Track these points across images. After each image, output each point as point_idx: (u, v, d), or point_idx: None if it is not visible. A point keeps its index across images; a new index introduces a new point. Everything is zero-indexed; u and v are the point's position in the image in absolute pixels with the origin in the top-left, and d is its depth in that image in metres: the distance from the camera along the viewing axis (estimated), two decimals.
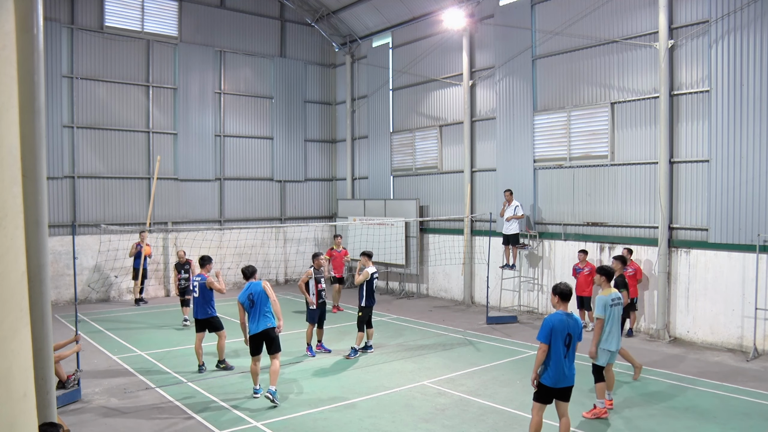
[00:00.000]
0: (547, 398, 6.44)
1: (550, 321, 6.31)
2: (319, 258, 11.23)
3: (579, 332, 6.43)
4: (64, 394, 8.20)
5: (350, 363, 10.51)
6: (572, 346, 6.35)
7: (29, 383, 2.54)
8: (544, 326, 6.32)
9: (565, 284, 6.57)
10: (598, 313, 7.80)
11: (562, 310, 6.43)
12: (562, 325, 6.29)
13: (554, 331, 6.26)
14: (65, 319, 13.58)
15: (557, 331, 6.26)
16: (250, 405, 8.27)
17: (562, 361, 6.26)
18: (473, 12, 16.06)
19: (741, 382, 9.25)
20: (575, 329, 6.36)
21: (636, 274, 12.42)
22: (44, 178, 2.89)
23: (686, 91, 11.99)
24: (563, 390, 6.39)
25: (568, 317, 6.37)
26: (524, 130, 14.93)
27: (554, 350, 6.25)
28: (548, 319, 6.35)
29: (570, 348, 6.32)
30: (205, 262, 10.24)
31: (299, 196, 21.22)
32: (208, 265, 10.23)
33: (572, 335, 6.33)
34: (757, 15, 10.78)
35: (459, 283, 16.96)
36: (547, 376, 6.33)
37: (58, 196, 16.29)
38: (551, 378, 6.30)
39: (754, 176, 10.89)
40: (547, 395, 6.42)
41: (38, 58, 2.80)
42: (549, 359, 6.29)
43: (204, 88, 18.77)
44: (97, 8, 16.91)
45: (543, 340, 6.29)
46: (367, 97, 20.19)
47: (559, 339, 6.25)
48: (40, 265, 2.91)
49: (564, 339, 6.27)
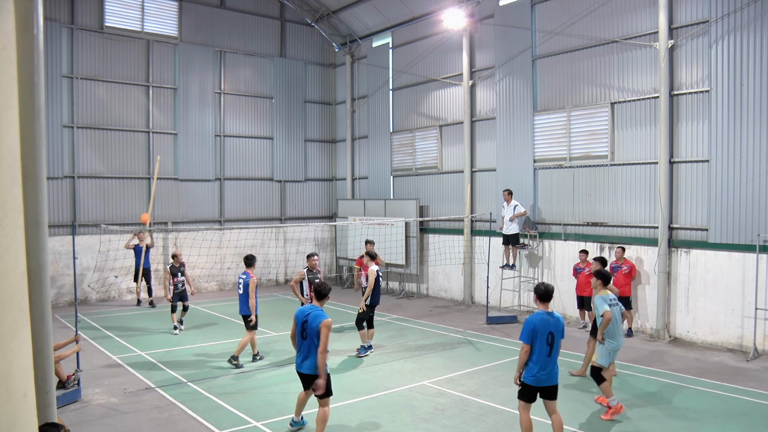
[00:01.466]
0: (530, 396, 6.53)
1: (531, 321, 6.39)
2: (312, 258, 11.10)
3: (561, 330, 6.48)
4: (64, 394, 8.20)
5: (350, 363, 10.50)
6: (555, 344, 6.41)
7: (29, 383, 2.54)
8: (526, 326, 6.39)
9: (545, 285, 6.63)
10: (603, 308, 7.85)
11: (543, 309, 6.51)
12: (543, 325, 6.36)
13: (536, 330, 6.34)
14: (65, 319, 13.58)
15: (539, 331, 6.34)
16: (250, 405, 8.27)
17: (546, 360, 6.35)
18: (473, 12, 16.06)
19: (741, 382, 9.25)
20: (557, 328, 6.42)
21: (631, 272, 12.46)
22: (44, 178, 2.89)
23: (686, 91, 11.99)
24: (547, 389, 6.47)
25: (549, 316, 6.44)
26: (524, 130, 14.93)
27: (537, 349, 6.34)
28: (529, 320, 6.43)
29: (553, 347, 6.39)
30: (252, 261, 10.41)
31: (299, 196, 21.22)
32: (254, 264, 10.44)
33: (554, 334, 6.39)
34: (757, 15, 10.78)
35: (459, 283, 16.96)
36: (529, 374, 6.41)
37: (58, 196, 16.29)
38: (534, 377, 6.39)
39: (754, 176, 10.89)
40: (530, 394, 6.51)
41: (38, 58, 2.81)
42: (532, 358, 6.38)
43: (204, 88, 18.77)
44: (97, 8, 16.91)
45: (525, 341, 6.38)
46: (367, 97, 20.19)
47: (541, 338, 6.33)
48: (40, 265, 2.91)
49: (546, 338, 6.35)
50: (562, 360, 10.60)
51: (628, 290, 12.47)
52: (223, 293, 18.47)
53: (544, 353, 6.33)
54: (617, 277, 12.59)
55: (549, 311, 6.51)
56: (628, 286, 12.47)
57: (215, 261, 17.91)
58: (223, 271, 18.27)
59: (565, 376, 9.25)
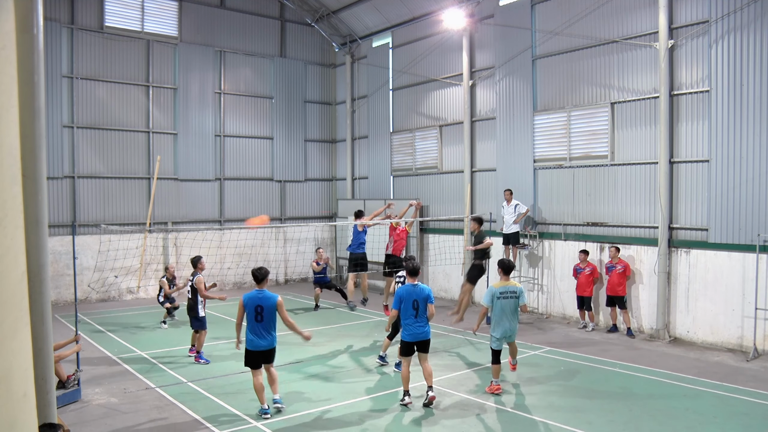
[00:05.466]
0: (408, 351, 8.25)
1: (398, 291, 8.30)
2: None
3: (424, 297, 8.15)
4: (64, 394, 8.20)
5: (349, 363, 10.50)
6: (420, 308, 8.11)
7: (29, 383, 2.54)
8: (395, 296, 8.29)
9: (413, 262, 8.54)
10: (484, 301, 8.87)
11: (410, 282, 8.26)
12: (408, 294, 8.13)
13: (402, 299, 8.14)
14: (65, 319, 13.58)
15: (404, 299, 8.13)
16: (250, 405, 8.27)
17: (414, 321, 8.12)
18: (473, 12, 16.06)
19: (741, 382, 9.25)
20: (420, 295, 8.13)
21: (625, 271, 12.48)
22: (44, 178, 2.89)
23: (686, 91, 11.99)
24: (420, 343, 8.23)
25: (414, 287, 8.18)
26: (524, 130, 14.93)
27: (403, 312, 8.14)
28: (398, 290, 8.35)
29: (418, 310, 8.10)
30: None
31: (299, 196, 21.22)
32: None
33: (419, 301, 8.10)
34: (757, 15, 10.77)
35: (459, 283, 16.92)
36: (405, 333, 8.21)
37: (58, 196, 16.29)
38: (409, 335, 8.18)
39: (754, 176, 10.89)
40: (408, 349, 8.25)
41: (38, 58, 2.81)
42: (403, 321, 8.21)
43: (204, 88, 18.77)
44: (97, 8, 16.91)
45: (395, 307, 8.25)
46: (367, 97, 20.19)
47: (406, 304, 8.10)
48: (40, 265, 2.91)
49: (412, 304, 8.09)
50: (561, 360, 10.57)
51: (622, 290, 12.50)
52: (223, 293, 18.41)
53: (411, 315, 8.10)
54: (612, 277, 12.62)
55: (414, 283, 8.24)
56: (622, 286, 12.49)
57: (215, 261, 17.89)
58: (223, 271, 18.25)
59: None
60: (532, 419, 7.73)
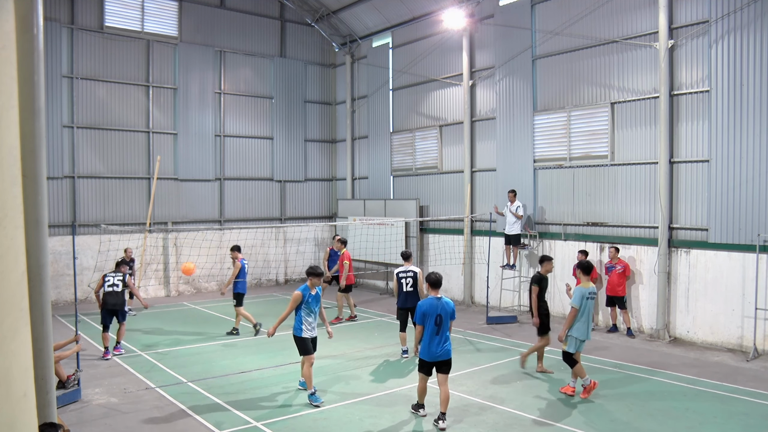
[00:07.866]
0: (427, 371, 7.51)
1: (421, 305, 7.45)
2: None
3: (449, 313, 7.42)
4: (64, 394, 8.20)
5: (349, 363, 10.50)
6: (443, 325, 7.37)
7: (29, 383, 2.54)
8: (417, 310, 7.42)
9: (435, 274, 7.67)
10: (573, 302, 8.45)
11: (433, 295, 7.51)
12: (432, 309, 7.36)
13: (426, 314, 7.35)
14: (65, 319, 13.58)
15: (428, 314, 7.35)
16: (250, 405, 8.27)
17: (434, 338, 7.34)
18: (473, 12, 16.06)
19: (741, 382, 9.25)
20: (444, 310, 7.39)
21: (625, 272, 12.48)
22: (44, 178, 2.88)
23: (686, 91, 11.99)
24: (439, 363, 7.44)
25: (438, 301, 7.44)
26: (524, 130, 14.93)
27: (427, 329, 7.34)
28: (420, 304, 7.49)
29: (441, 327, 7.36)
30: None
31: (299, 196, 21.22)
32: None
33: (442, 316, 7.36)
34: (757, 15, 10.78)
35: (459, 283, 16.96)
36: (424, 351, 7.43)
37: (58, 196, 16.29)
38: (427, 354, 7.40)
39: (754, 176, 10.89)
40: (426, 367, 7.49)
41: (38, 58, 2.80)
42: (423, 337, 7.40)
43: (204, 88, 18.77)
44: (97, 8, 16.91)
45: (418, 322, 7.43)
46: (367, 97, 20.19)
47: (430, 320, 7.32)
48: (40, 265, 2.91)
49: (435, 319, 7.32)
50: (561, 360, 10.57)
51: (622, 290, 12.50)
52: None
53: (433, 332, 7.33)
54: (611, 277, 12.62)
55: (438, 296, 7.49)
56: (622, 286, 12.49)
57: (215, 261, 17.91)
58: (222, 271, 18.26)
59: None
60: (532, 419, 7.73)
